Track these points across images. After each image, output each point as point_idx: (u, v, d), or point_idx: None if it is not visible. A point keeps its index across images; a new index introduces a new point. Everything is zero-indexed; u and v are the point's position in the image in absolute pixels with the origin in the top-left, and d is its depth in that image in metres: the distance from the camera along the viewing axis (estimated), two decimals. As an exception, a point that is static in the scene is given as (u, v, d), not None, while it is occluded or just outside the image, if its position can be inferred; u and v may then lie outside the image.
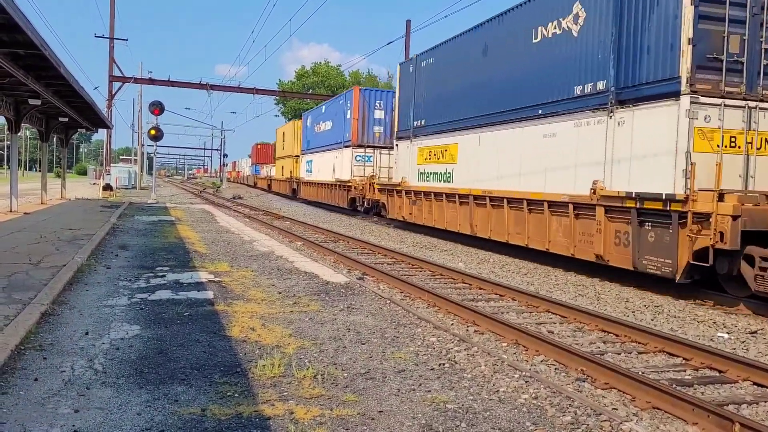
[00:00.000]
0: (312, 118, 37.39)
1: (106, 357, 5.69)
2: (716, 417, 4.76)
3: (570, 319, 8.56)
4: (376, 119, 27.39)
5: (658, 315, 9.21)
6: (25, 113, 20.49)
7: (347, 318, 7.67)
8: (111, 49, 41.61)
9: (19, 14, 10.14)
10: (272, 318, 7.46)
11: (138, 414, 4.42)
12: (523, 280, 12.01)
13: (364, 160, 27.19)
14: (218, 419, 4.38)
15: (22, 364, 5.36)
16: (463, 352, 6.44)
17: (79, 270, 9.93)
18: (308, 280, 10.29)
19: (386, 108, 27.19)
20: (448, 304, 8.90)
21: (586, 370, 6.09)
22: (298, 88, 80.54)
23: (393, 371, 5.67)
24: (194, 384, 5.08)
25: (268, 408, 4.62)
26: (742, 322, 8.82)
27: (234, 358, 5.80)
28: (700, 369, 6.50)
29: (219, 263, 11.61)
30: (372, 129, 27.37)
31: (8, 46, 12.31)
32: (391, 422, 4.51)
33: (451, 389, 5.27)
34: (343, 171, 28.45)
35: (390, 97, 26.81)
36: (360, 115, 27.13)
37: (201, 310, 7.74)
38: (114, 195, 36.79)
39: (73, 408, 4.47)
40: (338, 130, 29.56)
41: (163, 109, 34.90)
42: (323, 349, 6.25)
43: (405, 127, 21.58)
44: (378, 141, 27.34)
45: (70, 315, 7.19)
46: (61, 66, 14.61)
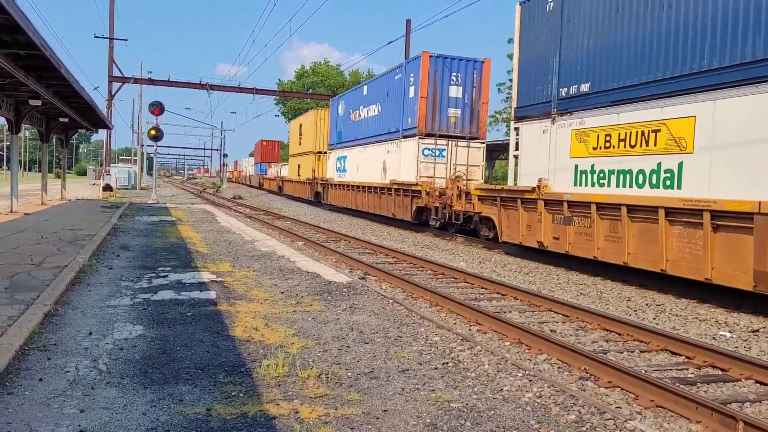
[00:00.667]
0: (346, 104, 30.15)
1: (110, 357, 5.69)
2: (720, 415, 4.77)
3: (572, 318, 8.57)
4: (452, 99, 20.68)
5: (660, 314, 9.22)
6: (25, 114, 20.49)
7: (350, 317, 7.68)
8: (110, 49, 41.63)
9: (20, 15, 10.15)
10: (275, 318, 7.47)
11: (143, 414, 4.43)
12: (525, 279, 12.02)
13: (434, 155, 20.39)
14: (223, 419, 4.39)
15: (26, 364, 5.37)
16: (467, 351, 6.44)
17: (81, 270, 9.93)
18: (310, 279, 10.29)
19: (464, 84, 20.76)
20: (451, 303, 8.92)
21: (589, 368, 6.11)
22: (298, 87, 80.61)
23: (397, 370, 5.68)
24: (199, 384, 5.08)
25: (273, 407, 4.63)
26: (744, 321, 8.83)
27: (238, 358, 5.80)
28: (702, 367, 6.52)
29: (221, 263, 11.61)
30: (446, 112, 20.66)
31: (9, 46, 12.32)
32: (396, 421, 4.52)
33: (455, 388, 5.28)
34: (401, 170, 21.97)
35: (470, 70, 20.72)
36: (430, 93, 20.36)
37: (204, 310, 7.75)
38: (114, 195, 36.79)
39: (78, 408, 4.48)
40: (391, 115, 23.18)
41: (163, 109, 34.92)
42: (327, 349, 6.26)
43: (538, 99, 14.38)
44: (454, 129, 20.75)
45: (73, 315, 7.20)
46: (62, 67, 14.62)
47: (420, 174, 20.52)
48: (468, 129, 20.85)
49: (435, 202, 19.32)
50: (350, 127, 29.02)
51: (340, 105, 31.47)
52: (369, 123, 25.99)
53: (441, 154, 20.52)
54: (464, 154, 20.65)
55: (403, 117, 21.87)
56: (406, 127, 21.57)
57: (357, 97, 28.46)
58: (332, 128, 32.63)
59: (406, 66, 22.27)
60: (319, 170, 35.12)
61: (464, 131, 20.84)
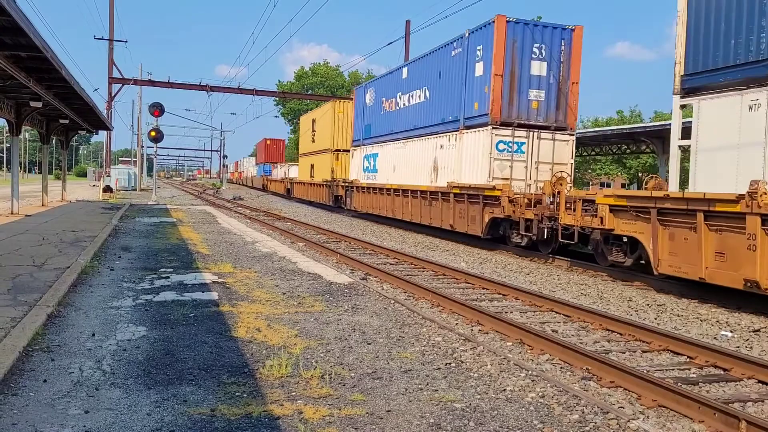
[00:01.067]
0: (376, 93, 25.56)
1: (114, 358, 5.71)
2: (722, 415, 4.79)
3: (574, 318, 8.58)
4: (534, 78, 16.31)
5: (662, 314, 9.24)
6: (25, 115, 20.51)
7: (352, 318, 7.69)
8: (110, 50, 41.65)
9: (21, 17, 10.16)
10: (277, 318, 7.49)
11: (148, 414, 4.44)
12: (526, 279, 12.03)
13: (510, 150, 16.11)
14: (228, 419, 4.40)
15: (30, 365, 5.38)
16: (469, 351, 6.46)
17: (82, 272, 9.94)
18: (312, 280, 10.31)
19: (549, 58, 16.13)
20: (452, 303, 8.93)
21: (591, 368, 6.12)
22: (297, 88, 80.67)
23: (399, 371, 5.70)
24: (202, 384, 5.10)
25: (277, 408, 4.65)
26: (745, 321, 8.84)
27: (241, 359, 5.82)
28: (704, 367, 6.53)
29: (222, 264, 11.62)
30: (526, 95, 16.31)
31: (10, 48, 12.33)
32: (400, 421, 4.53)
33: (458, 388, 5.30)
34: (463, 169, 17.45)
35: (557, 39, 16.33)
36: (506, 69, 15.97)
37: (206, 311, 7.76)
38: (114, 197, 36.80)
39: (83, 409, 4.49)
40: (446, 100, 18.72)
41: (163, 111, 34.95)
42: (329, 349, 6.27)
43: (735, 59, 10.15)
44: (536, 116, 16.43)
45: (75, 316, 7.21)
46: (63, 68, 14.63)
47: (493, 174, 16.00)
48: (554, 116, 16.64)
49: (523, 213, 14.62)
50: (383, 119, 24.47)
51: (368, 94, 26.44)
52: (411, 113, 21.51)
53: (520, 149, 16.20)
54: (548, 149, 16.44)
55: (466, 102, 17.48)
56: (471, 114, 17.18)
57: (393, 82, 23.59)
58: (357, 122, 28.05)
59: (469, 37, 17.41)
60: (340, 171, 31.33)
61: (549, 119, 16.60)
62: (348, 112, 30.81)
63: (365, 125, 26.82)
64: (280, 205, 36.62)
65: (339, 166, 31.67)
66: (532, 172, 16.46)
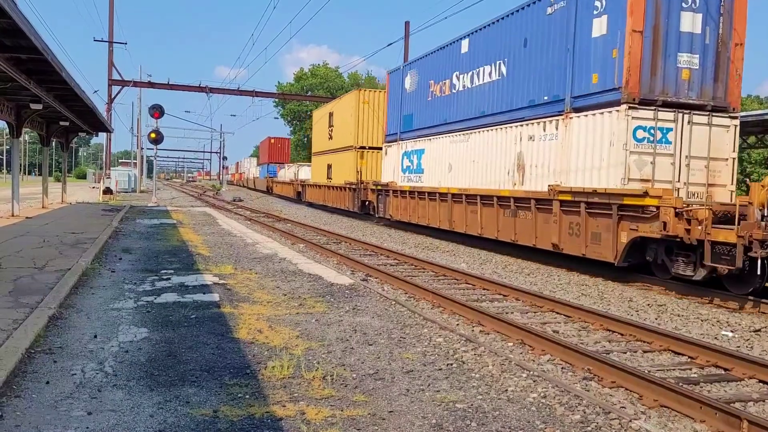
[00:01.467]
0: (420, 75, 21.10)
1: (116, 360, 5.72)
2: (724, 414, 4.80)
3: (574, 318, 8.60)
4: (684, 36, 11.94)
5: (662, 314, 9.25)
6: (26, 117, 20.52)
7: (353, 319, 7.70)
8: (110, 52, 41.67)
9: (22, 19, 10.17)
10: (279, 320, 7.49)
11: (151, 416, 4.45)
12: (526, 280, 12.04)
13: (653, 139, 11.68)
14: (231, 420, 4.41)
15: (32, 367, 5.39)
16: (470, 352, 6.47)
17: (83, 274, 9.95)
18: (312, 281, 10.32)
19: (706, 9, 11.92)
20: (453, 304, 8.94)
21: (592, 369, 6.14)
22: (297, 90, 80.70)
23: (401, 372, 5.70)
24: (205, 386, 5.11)
25: (280, 409, 4.66)
26: (746, 321, 8.86)
27: (243, 360, 5.83)
28: (705, 367, 6.55)
29: (223, 266, 11.63)
30: (674, 60, 11.93)
31: (11, 50, 12.34)
32: (402, 422, 4.54)
33: (459, 389, 5.31)
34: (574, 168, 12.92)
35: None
36: (647, 23, 11.65)
37: (208, 312, 7.77)
38: (114, 198, 36.82)
39: (86, 410, 4.50)
40: (536, 75, 14.33)
41: (163, 112, 34.96)
42: (331, 350, 6.28)
43: None
44: (687, 91, 12.00)
45: (77, 318, 7.22)
46: (63, 70, 14.64)
47: (629, 174, 11.60)
48: (710, 91, 12.12)
49: (708, 234, 9.82)
50: (431, 107, 20.18)
51: (408, 78, 22.20)
52: (477, 96, 17.09)
53: (665, 137, 11.75)
54: (703, 138, 11.95)
55: (575, 75, 13.07)
56: (587, 91, 12.68)
57: (445, 60, 19.22)
58: (392, 113, 23.86)
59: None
60: (369, 172, 27.01)
61: (704, 95, 12.07)
62: (377, 101, 26.82)
63: (404, 116, 22.38)
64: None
65: (365, 166, 27.13)
66: (682, 171, 11.82)
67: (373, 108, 27.20)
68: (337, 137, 30.58)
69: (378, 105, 26.94)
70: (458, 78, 18.43)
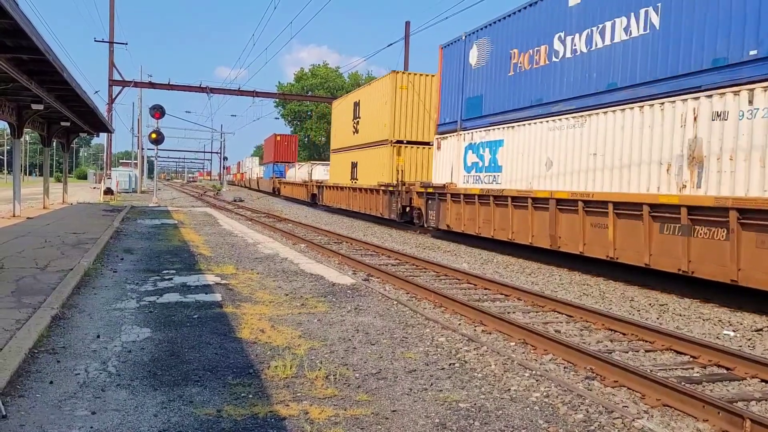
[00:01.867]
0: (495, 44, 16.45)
1: (119, 359, 5.72)
2: (727, 414, 4.80)
3: (576, 318, 8.60)
4: None
5: (664, 313, 9.26)
6: (27, 118, 20.53)
7: (355, 319, 7.71)
8: (111, 53, 41.72)
9: (24, 20, 10.18)
10: (281, 319, 7.50)
11: (154, 415, 4.46)
12: (528, 280, 12.05)
13: None
14: (234, 420, 4.42)
15: (36, 367, 5.40)
16: (473, 351, 6.48)
17: (86, 274, 9.96)
18: (314, 281, 10.32)
19: None
20: (455, 304, 8.95)
21: (595, 368, 6.14)
22: (297, 90, 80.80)
23: (404, 371, 5.71)
24: (208, 385, 5.11)
25: (283, 408, 4.66)
26: (748, 320, 8.86)
27: (246, 360, 5.83)
28: (707, 366, 6.54)
29: (224, 266, 11.64)
30: None
31: (12, 51, 12.35)
32: (405, 421, 4.55)
33: (462, 388, 5.31)
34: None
35: None
36: None
37: (210, 312, 7.78)
38: (115, 199, 36.85)
39: (89, 410, 4.51)
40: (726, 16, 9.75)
41: (164, 113, 34.99)
42: (333, 350, 6.29)
43: None
44: None
45: (80, 318, 7.23)
46: (64, 71, 14.65)
47: None
48: None
49: None
50: (514, 85, 15.51)
51: (475, 50, 17.39)
52: (601, 62, 12.59)
53: None
54: None
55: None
56: None
57: (538, 19, 14.66)
58: (448, 96, 18.97)
59: None
60: (409, 171, 23.06)
61: None
62: (420, 86, 23.25)
63: (467, 100, 17.54)
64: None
65: (403, 163, 23.03)
66: None
67: (414, 94, 23.22)
68: (366, 130, 26.37)
69: (421, 90, 23.23)
70: (563, 41, 13.73)
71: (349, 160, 28.67)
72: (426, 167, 22.69)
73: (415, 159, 23.37)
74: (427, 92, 23.23)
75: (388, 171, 23.30)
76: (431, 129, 21.68)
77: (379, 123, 24.37)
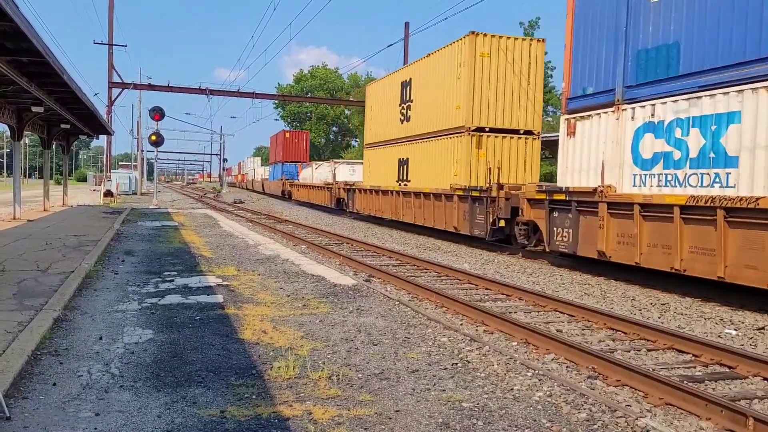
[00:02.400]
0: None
1: (122, 361, 5.73)
2: (729, 412, 4.81)
3: (578, 317, 8.61)
4: None
5: (665, 313, 9.26)
6: (27, 120, 20.53)
7: (357, 319, 7.71)
8: (110, 55, 41.71)
9: (24, 22, 10.19)
10: (283, 320, 7.51)
11: (158, 416, 4.46)
12: (529, 280, 12.05)
13: None
14: (238, 420, 4.42)
15: (39, 369, 5.40)
16: (475, 351, 6.48)
17: (87, 276, 9.96)
18: (315, 282, 10.33)
19: None
20: (457, 304, 8.95)
21: (597, 367, 6.14)
22: (296, 91, 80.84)
23: (406, 371, 5.72)
24: (211, 386, 5.12)
25: (287, 409, 4.67)
26: (749, 319, 8.87)
27: (249, 361, 5.84)
28: (710, 365, 6.55)
29: (226, 267, 11.65)
30: None
31: (12, 53, 12.35)
32: (409, 421, 4.55)
33: (465, 388, 5.32)
34: None
35: None
36: None
37: (212, 313, 7.78)
38: (115, 201, 36.85)
39: (93, 411, 4.51)
40: None
41: (164, 115, 34.98)
42: (336, 351, 6.29)
43: None
44: None
45: (82, 320, 7.23)
46: (65, 73, 14.66)
47: None
48: None
49: None
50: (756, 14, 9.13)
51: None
52: None
53: None
54: None
55: None
56: None
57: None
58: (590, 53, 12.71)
59: None
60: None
61: None
62: (508, 49, 17.57)
63: (640, 52, 11.37)
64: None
65: (483, 159, 17.37)
66: None
67: (502, 64, 17.53)
68: (423, 117, 20.63)
69: (514, 59, 17.63)
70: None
71: (395, 156, 23.03)
72: (518, 164, 17.83)
73: (501, 153, 17.68)
74: (522, 62, 17.75)
75: (464, 169, 17.62)
76: (528, 112, 17.64)
77: (446, 105, 18.72)
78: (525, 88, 17.79)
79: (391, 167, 23.60)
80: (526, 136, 18.02)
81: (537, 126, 18.19)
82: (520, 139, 18.02)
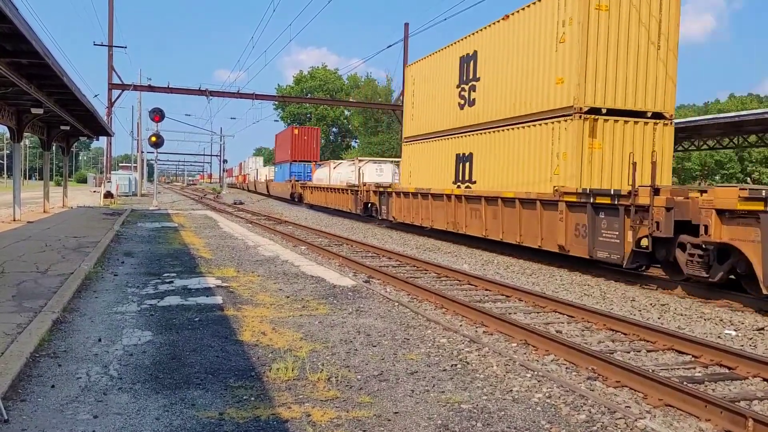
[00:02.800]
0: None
1: (121, 363, 5.72)
2: (729, 413, 4.80)
3: (577, 318, 8.60)
4: None
5: (665, 313, 9.25)
6: (27, 122, 20.53)
7: (356, 321, 7.70)
8: (110, 56, 41.69)
9: (24, 24, 10.19)
10: (282, 322, 7.50)
11: (157, 419, 4.45)
12: (528, 280, 12.04)
13: None
14: (237, 422, 4.41)
15: (37, 371, 5.39)
16: (474, 352, 6.47)
17: (86, 278, 9.95)
18: (315, 283, 10.32)
19: None
20: (456, 305, 8.94)
21: (596, 368, 6.13)
22: (296, 92, 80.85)
23: (406, 373, 5.71)
24: (210, 388, 5.11)
25: (285, 411, 4.66)
26: (749, 319, 8.86)
27: (247, 362, 5.83)
28: (709, 366, 6.54)
29: (225, 268, 11.64)
30: None
31: (12, 55, 12.35)
32: (408, 423, 4.55)
33: (464, 390, 5.31)
34: None
35: None
36: None
37: (211, 315, 7.78)
38: (115, 202, 36.83)
39: (92, 414, 4.51)
40: None
41: (164, 116, 34.99)
42: (335, 352, 6.29)
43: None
44: None
45: (81, 322, 7.22)
46: (64, 75, 14.66)
47: None
48: None
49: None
50: None
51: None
52: None
53: None
54: None
55: None
56: None
57: None
58: None
59: None
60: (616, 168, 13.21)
61: None
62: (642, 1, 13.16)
63: None
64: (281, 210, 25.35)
65: (599, 152, 13.16)
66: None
67: (624, 21, 13.08)
68: (497, 98, 16.12)
69: (640, 14, 13.14)
70: None
71: (452, 151, 18.66)
72: (644, 159, 12.90)
73: (621, 144, 13.26)
74: (651, 19, 13.24)
75: (572, 166, 13.05)
76: (658, 87, 13.44)
77: (538, 81, 14.24)
78: (655, 55, 13.31)
79: (444, 165, 19.13)
80: (655, 120, 13.48)
81: (670, 107, 13.67)
82: (647, 125, 13.44)
